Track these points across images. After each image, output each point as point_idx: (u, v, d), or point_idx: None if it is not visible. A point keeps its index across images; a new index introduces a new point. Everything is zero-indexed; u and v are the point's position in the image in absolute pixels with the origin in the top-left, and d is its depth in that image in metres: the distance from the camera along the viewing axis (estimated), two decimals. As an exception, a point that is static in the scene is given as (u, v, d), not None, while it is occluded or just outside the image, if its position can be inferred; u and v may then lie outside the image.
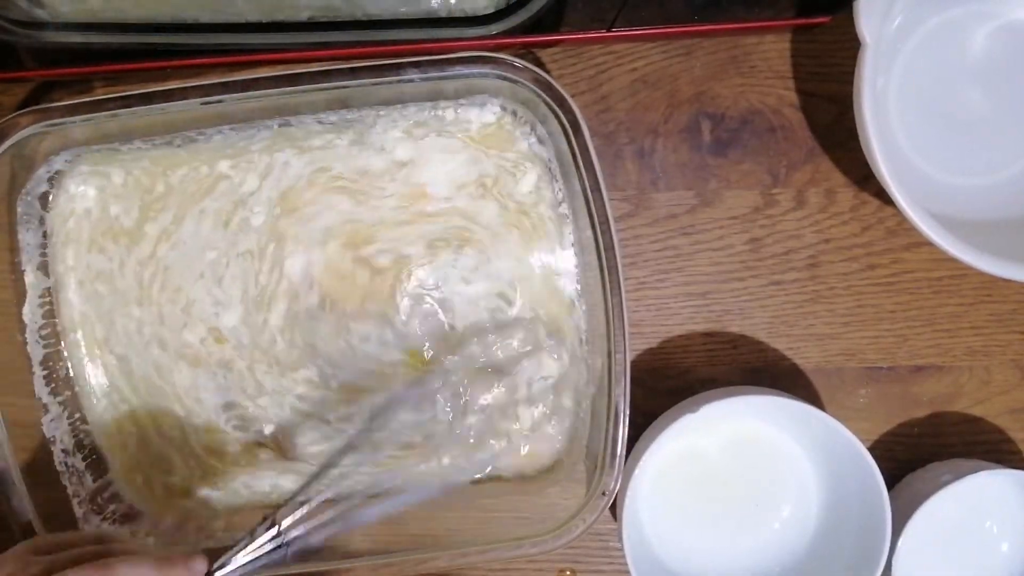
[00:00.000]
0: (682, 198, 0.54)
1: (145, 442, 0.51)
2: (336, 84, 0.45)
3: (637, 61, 0.53)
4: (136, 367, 0.50)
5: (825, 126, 0.54)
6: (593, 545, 0.55)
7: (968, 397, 0.56)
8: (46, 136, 0.46)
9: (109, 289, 0.50)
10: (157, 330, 0.50)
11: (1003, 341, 0.55)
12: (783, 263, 0.54)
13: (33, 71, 0.48)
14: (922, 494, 0.50)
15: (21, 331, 0.48)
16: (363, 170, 0.49)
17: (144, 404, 0.51)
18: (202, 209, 0.49)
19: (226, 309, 0.50)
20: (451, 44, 0.46)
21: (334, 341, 0.49)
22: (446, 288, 0.50)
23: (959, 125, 0.53)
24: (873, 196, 0.54)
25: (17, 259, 0.48)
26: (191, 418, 0.51)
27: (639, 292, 0.54)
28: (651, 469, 0.53)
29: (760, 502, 0.54)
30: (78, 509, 0.48)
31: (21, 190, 0.47)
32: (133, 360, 0.50)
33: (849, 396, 0.55)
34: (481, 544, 0.47)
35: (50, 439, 0.48)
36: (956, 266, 0.54)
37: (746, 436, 0.54)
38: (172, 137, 0.49)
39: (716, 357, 0.55)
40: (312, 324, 0.50)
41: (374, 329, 0.50)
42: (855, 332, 0.55)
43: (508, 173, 0.49)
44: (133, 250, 0.50)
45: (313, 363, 0.50)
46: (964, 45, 0.53)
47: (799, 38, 0.53)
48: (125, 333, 0.50)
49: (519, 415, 0.50)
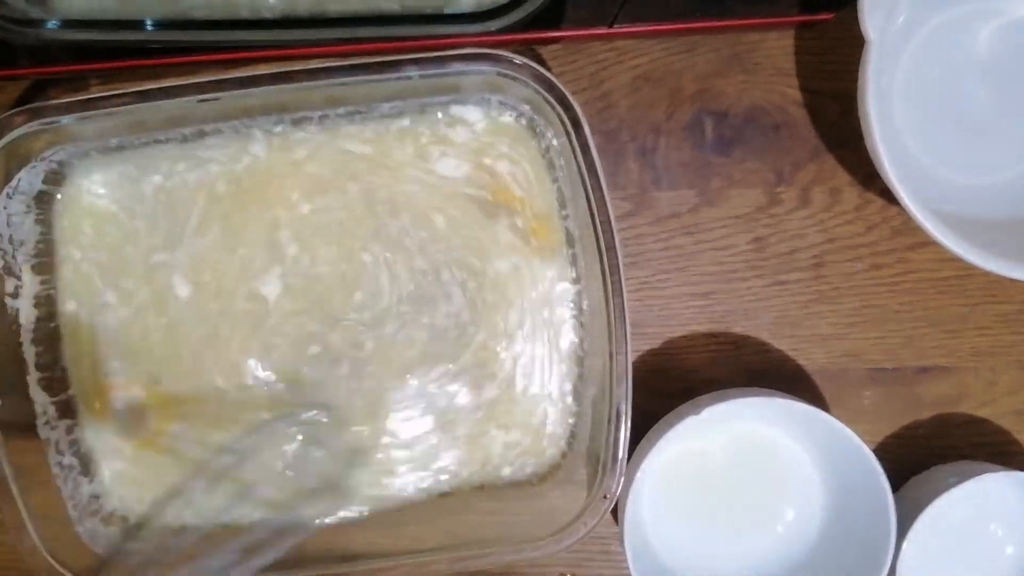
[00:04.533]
0: (684, 197, 0.53)
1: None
2: (335, 81, 0.44)
3: (639, 58, 0.53)
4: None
5: (829, 124, 0.53)
6: (594, 549, 0.55)
7: (974, 398, 0.55)
8: (41, 134, 0.45)
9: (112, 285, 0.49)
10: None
11: (1009, 342, 0.55)
12: (787, 263, 0.54)
13: (28, 68, 0.48)
14: (927, 496, 0.49)
15: (16, 332, 0.48)
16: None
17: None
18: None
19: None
20: (451, 41, 0.46)
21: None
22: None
23: (964, 123, 0.53)
24: (878, 195, 0.54)
25: (12, 258, 0.48)
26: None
27: (641, 292, 0.54)
28: (653, 472, 0.53)
29: (764, 505, 0.54)
30: (73, 512, 0.48)
31: (16, 188, 0.47)
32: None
33: (853, 398, 0.55)
34: (481, 547, 0.47)
35: (45, 441, 0.48)
36: (961, 266, 0.53)
37: (749, 438, 0.54)
38: (169, 134, 0.48)
39: (719, 358, 0.54)
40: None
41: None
42: (860, 333, 0.54)
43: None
44: (131, 248, 0.49)
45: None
46: (969, 42, 0.52)
47: (803, 35, 0.53)
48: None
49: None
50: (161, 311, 0.49)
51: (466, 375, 0.50)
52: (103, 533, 0.49)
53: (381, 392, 0.50)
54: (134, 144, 0.49)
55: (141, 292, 0.49)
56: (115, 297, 0.49)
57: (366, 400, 0.50)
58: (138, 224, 0.49)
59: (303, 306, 0.49)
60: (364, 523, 0.50)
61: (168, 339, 0.49)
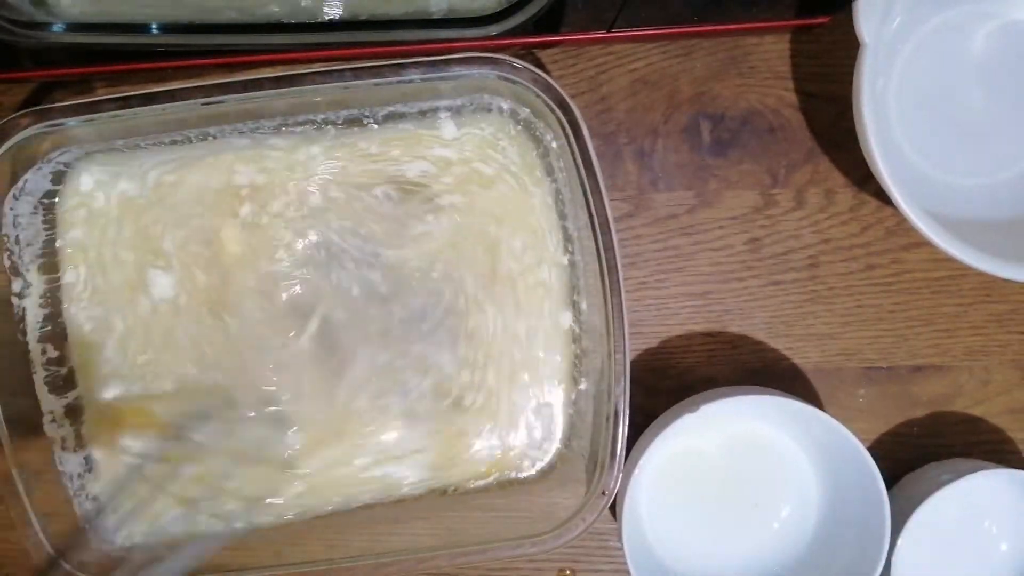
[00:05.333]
0: (682, 198, 0.54)
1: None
2: (337, 84, 0.45)
3: (637, 62, 0.53)
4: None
5: (824, 126, 0.54)
6: (592, 544, 0.55)
7: (967, 397, 0.56)
8: (47, 136, 0.46)
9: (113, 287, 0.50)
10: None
11: (1002, 341, 0.55)
12: (783, 263, 0.54)
13: (34, 71, 0.48)
14: (921, 494, 0.50)
15: (22, 332, 0.48)
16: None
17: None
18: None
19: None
20: (451, 45, 0.46)
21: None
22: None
23: (959, 125, 0.53)
24: (872, 196, 0.54)
25: (19, 259, 0.48)
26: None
27: (639, 292, 0.54)
28: (651, 469, 0.53)
29: (759, 502, 0.54)
30: (78, 508, 0.49)
31: (23, 190, 0.47)
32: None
33: (848, 396, 0.55)
34: (480, 543, 0.47)
35: (51, 439, 0.49)
36: (955, 266, 0.54)
37: (745, 436, 0.54)
38: (174, 136, 0.49)
39: (716, 357, 0.55)
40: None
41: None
42: (854, 332, 0.55)
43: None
44: (137, 250, 0.49)
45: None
46: (964, 45, 0.53)
47: (799, 38, 0.53)
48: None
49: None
50: (157, 313, 0.50)
51: (463, 369, 0.51)
52: (108, 531, 0.49)
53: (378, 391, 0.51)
54: (139, 146, 0.49)
55: (140, 294, 0.50)
56: (116, 298, 0.50)
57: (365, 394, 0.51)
58: (140, 225, 0.50)
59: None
60: (363, 521, 0.51)
61: (164, 342, 0.50)
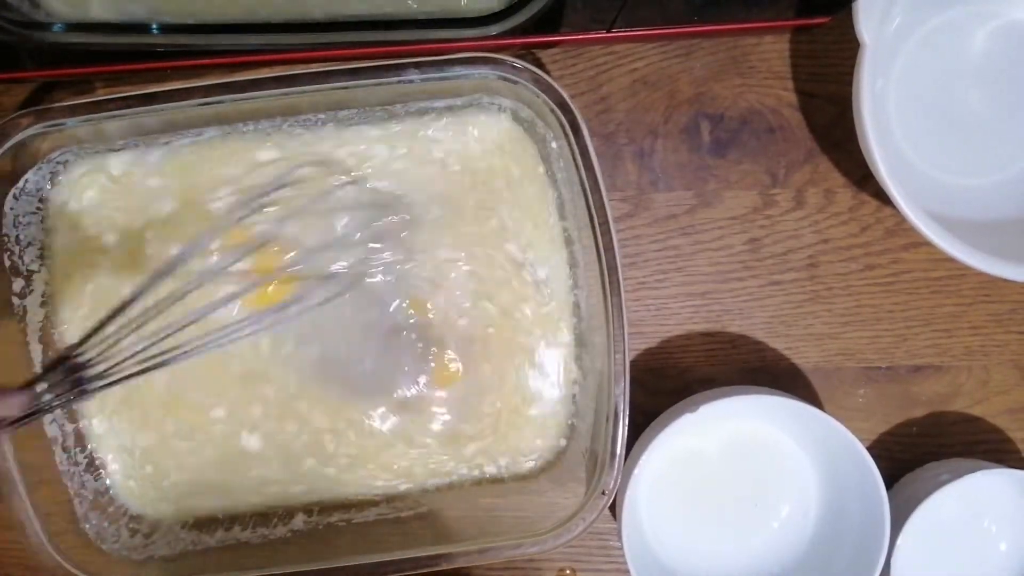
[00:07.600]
0: (681, 198, 0.54)
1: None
2: (336, 85, 0.45)
3: (637, 62, 0.53)
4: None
5: (824, 127, 0.54)
6: (592, 544, 0.55)
7: (967, 397, 0.56)
8: (47, 136, 0.46)
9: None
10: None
11: (1002, 341, 0.56)
12: (782, 263, 0.54)
13: (34, 71, 0.48)
14: (921, 493, 0.50)
15: (22, 331, 0.48)
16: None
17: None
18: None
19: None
20: (451, 45, 0.46)
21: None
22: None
23: (958, 125, 0.53)
24: (872, 196, 0.54)
25: (19, 258, 0.48)
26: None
27: (639, 292, 0.54)
28: (650, 468, 0.53)
29: (759, 502, 0.55)
30: (79, 508, 0.49)
31: (23, 189, 0.47)
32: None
33: (848, 396, 0.56)
34: (481, 543, 0.47)
35: (52, 439, 0.49)
36: (954, 266, 0.54)
37: (745, 436, 0.54)
38: (173, 137, 0.49)
39: (715, 357, 0.55)
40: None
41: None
42: (854, 332, 0.55)
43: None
44: (136, 249, 0.49)
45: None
46: (963, 46, 0.53)
47: (798, 39, 0.53)
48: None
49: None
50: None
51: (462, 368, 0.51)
52: (108, 530, 0.49)
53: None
54: (139, 146, 0.49)
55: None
56: (115, 299, 0.49)
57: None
58: (140, 226, 0.50)
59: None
60: (363, 521, 0.51)
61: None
